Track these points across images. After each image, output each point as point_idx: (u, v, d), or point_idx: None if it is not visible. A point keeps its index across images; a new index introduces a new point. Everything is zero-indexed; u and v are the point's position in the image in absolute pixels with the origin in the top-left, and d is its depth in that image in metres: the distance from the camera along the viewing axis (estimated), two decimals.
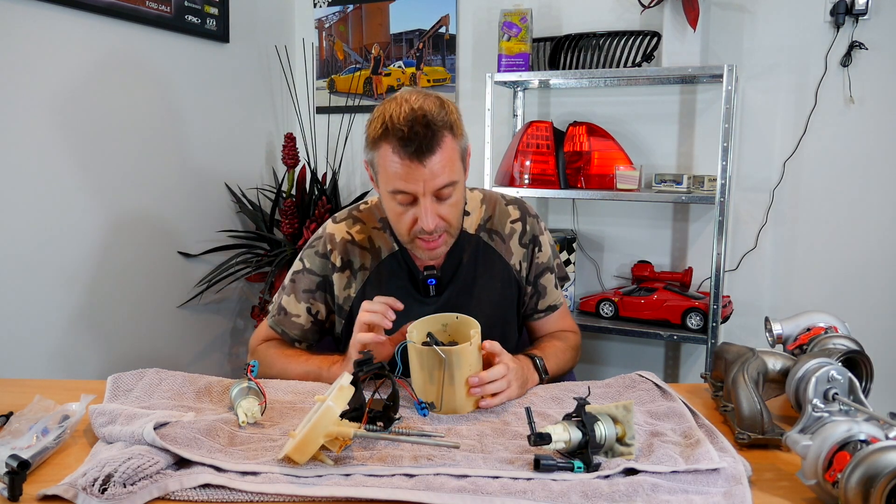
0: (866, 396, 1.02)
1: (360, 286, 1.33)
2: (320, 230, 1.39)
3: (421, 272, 1.30)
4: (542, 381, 1.24)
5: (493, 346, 1.13)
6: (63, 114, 1.99)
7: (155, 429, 0.91)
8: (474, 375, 1.07)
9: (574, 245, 2.45)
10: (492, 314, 1.32)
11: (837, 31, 2.20)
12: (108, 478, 0.81)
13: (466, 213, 1.35)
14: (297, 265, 1.38)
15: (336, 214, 1.41)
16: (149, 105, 2.28)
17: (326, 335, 1.43)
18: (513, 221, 1.37)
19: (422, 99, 1.16)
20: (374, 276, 1.32)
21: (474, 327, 1.12)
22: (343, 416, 0.92)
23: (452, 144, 1.16)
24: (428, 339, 1.12)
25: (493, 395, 1.10)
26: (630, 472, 0.87)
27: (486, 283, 1.34)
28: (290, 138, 2.62)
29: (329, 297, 1.36)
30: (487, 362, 1.13)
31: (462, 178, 1.21)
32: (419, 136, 1.11)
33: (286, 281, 1.39)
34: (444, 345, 1.12)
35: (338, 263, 1.34)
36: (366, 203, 1.41)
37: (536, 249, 1.38)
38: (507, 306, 1.38)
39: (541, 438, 0.87)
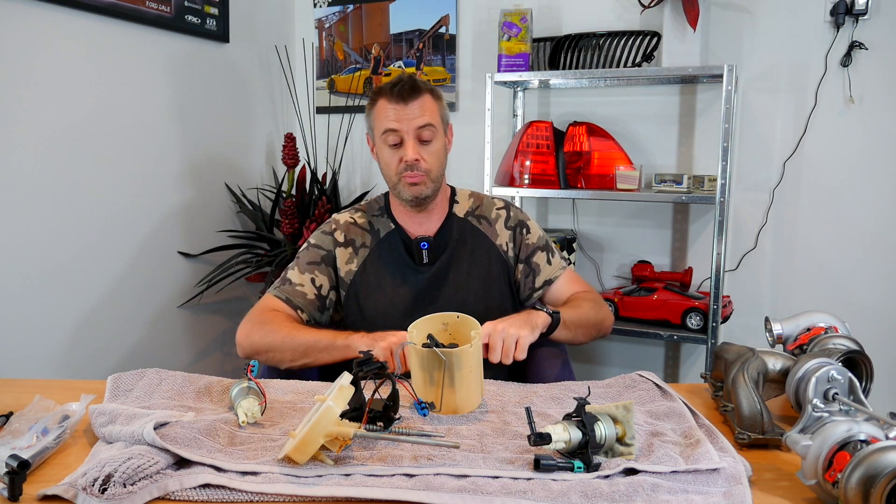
0: (866, 396, 1.02)
1: (361, 261, 1.49)
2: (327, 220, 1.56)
3: (415, 240, 1.47)
4: (554, 323, 1.32)
5: (483, 331, 1.19)
6: (63, 113, 1.99)
7: (155, 429, 0.91)
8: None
9: (574, 245, 2.45)
10: (479, 286, 1.48)
11: (837, 31, 2.20)
12: (108, 478, 0.81)
13: (456, 202, 1.54)
14: (303, 246, 1.51)
15: (341, 210, 1.58)
16: (149, 105, 2.28)
17: (327, 315, 1.50)
18: (498, 209, 1.56)
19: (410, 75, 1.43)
20: (374, 251, 1.49)
21: (475, 327, 1.12)
22: (343, 416, 0.92)
23: (433, 102, 1.40)
24: (428, 340, 1.12)
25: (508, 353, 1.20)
26: (630, 472, 0.87)
27: (474, 257, 1.50)
28: (290, 138, 2.62)
29: (332, 272, 1.49)
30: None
31: (441, 133, 1.42)
32: (404, 84, 1.37)
33: (292, 263, 1.50)
34: (444, 346, 1.12)
35: (341, 240, 1.50)
36: (367, 200, 1.59)
37: (525, 231, 1.54)
38: (494, 280, 1.51)
39: (541, 438, 0.87)
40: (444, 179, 1.50)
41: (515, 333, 1.20)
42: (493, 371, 1.28)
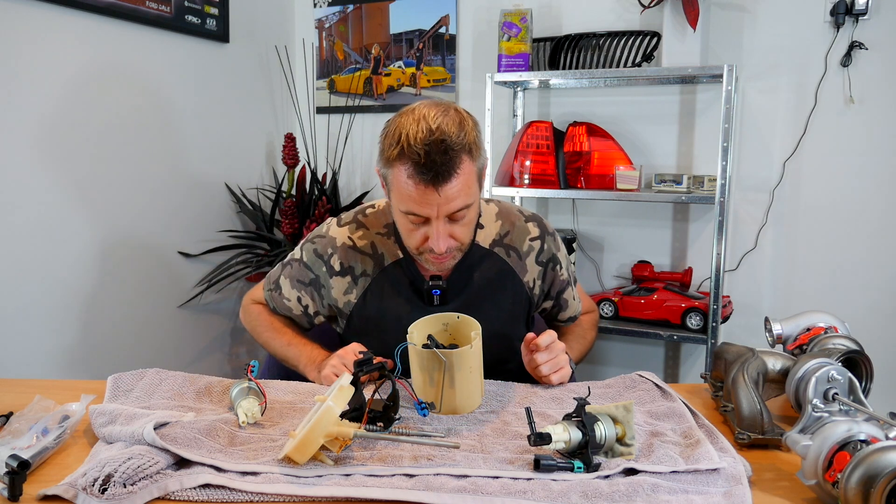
0: (866, 396, 1.02)
1: (361, 292, 1.30)
2: (324, 227, 1.36)
3: (426, 282, 1.26)
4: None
5: (541, 342, 1.19)
6: (63, 113, 1.99)
7: (155, 429, 0.91)
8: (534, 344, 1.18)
9: (574, 245, 2.45)
10: (498, 330, 1.29)
11: (837, 31, 2.20)
12: (108, 478, 0.81)
13: (481, 226, 1.31)
14: (296, 253, 1.37)
15: (342, 215, 1.37)
16: (149, 105, 2.28)
17: (315, 325, 1.43)
18: (532, 239, 1.34)
19: (441, 117, 1.09)
20: (376, 282, 1.30)
21: (475, 328, 1.12)
22: (343, 416, 0.92)
23: (470, 167, 1.12)
24: (428, 341, 1.12)
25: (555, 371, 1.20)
26: (630, 472, 0.87)
27: (496, 300, 1.30)
28: (290, 138, 2.62)
29: (318, 296, 1.35)
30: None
31: (477, 199, 1.18)
32: (436, 164, 1.06)
33: (286, 259, 1.40)
34: (444, 346, 1.12)
35: (337, 268, 1.31)
36: (373, 207, 1.36)
37: (558, 268, 1.36)
38: (515, 323, 1.35)
39: (541, 438, 0.87)
40: None
41: (566, 371, 1.22)
42: (493, 372, 1.25)
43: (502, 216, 1.34)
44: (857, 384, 0.97)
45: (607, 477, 0.86)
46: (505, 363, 1.32)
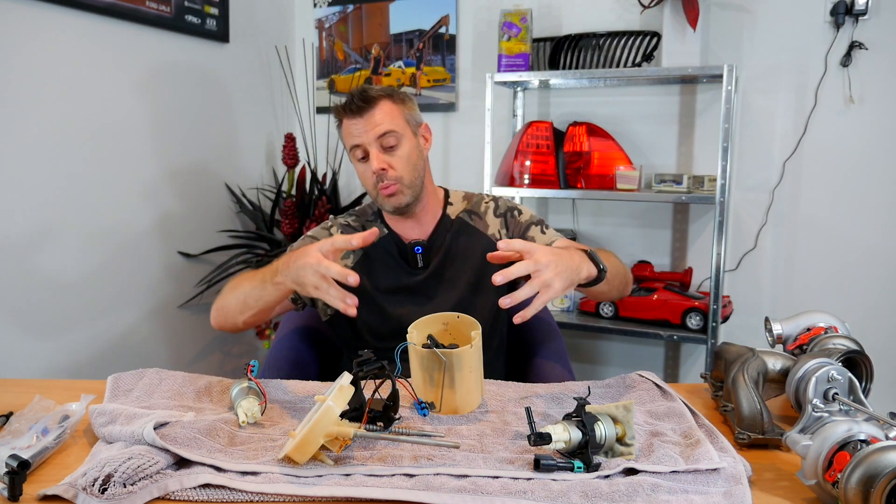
0: (866, 396, 1.02)
1: (356, 260, 1.45)
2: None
3: (409, 244, 1.44)
4: (600, 276, 1.17)
5: (513, 244, 1.06)
6: (63, 113, 1.99)
7: (155, 429, 0.91)
8: (500, 274, 0.99)
9: None
10: (474, 280, 1.43)
11: (837, 31, 2.20)
12: (108, 478, 0.80)
13: (450, 204, 1.51)
14: (300, 239, 1.47)
15: (336, 216, 1.54)
16: (149, 105, 2.28)
17: (319, 303, 1.45)
18: (487, 201, 1.53)
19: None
20: (369, 253, 1.45)
21: (475, 328, 1.12)
22: (343, 416, 0.92)
23: (392, 107, 1.36)
24: (428, 340, 1.12)
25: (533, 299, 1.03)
26: (630, 472, 0.87)
27: (468, 253, 1.46)
28: (290, 138, 2.62)
29: None
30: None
31: (408, 136, 1.37)
32: (354, 97, 1.35)
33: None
34: (443, 346, 1.12)
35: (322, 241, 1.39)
36: (361, 204, 1.59)
37: (515, 213, 1.50)
38: (490, 272, 1.35)
39: (541, 438, 0.87)
40: (426, 182, 1.43)
41: (554, 289, 1.03)
42: (491, 372, 1.26)
43: (466, 196, 1.54)
44: (857, 384, 0.97)
45: (607, 477, 0.86)
46: (483, 313, 1.37)
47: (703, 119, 2.41)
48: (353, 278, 1.05)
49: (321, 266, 1.07)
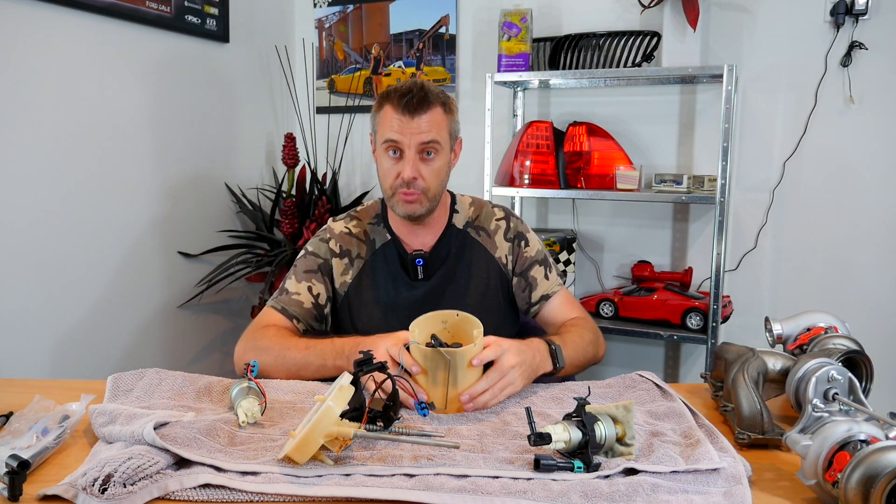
0: (866, 396, 1.02)
1: (356, 273, 1.44)
2: (323, 226, 1.51)
3: (410, 255, 1.41)
4: (555, 371, 1.22)
5: (492, 349, 1.11)
6: (63, 113, 1.99)
7: (155, 429, 0.91)
8: (465, 392, 1.07)
9: (574, 245, 2.45)
10: (479, 302, 1.42)
11: (837, 31, 2.20)
12: (108, 478, 0.80)
13: (456, 212, 1.48)
14: (300, 254, 1.47)
15: (337, 216, 1.52)
16: (149, 105, 2.28)
17: (326, 324, 1.45)
18: (497, 219, 1.50)
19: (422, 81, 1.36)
20: (369, 264, 1.44)
21: (477, 326, 1.12)
22: (343, 416, 0.92)
23: (442, 117, 1.33)
24: (432, 340, 1.12)
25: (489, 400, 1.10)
26: (630, 472, 0.87)
27: (472, 272, 1.44)
28: (290, 138, 2.62)
29: (328, 281, 1.44)
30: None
31: (446, 150, 1.35)
32: (414, 95, 1.29)
33: (290, 271, 1.46)
34: (447, 345, 1.11)
35: (336, 250, 1.45)
36: (363, 204, 1.53)
37: (523, 244, 1.48)
38: (493, 296, 1.46)
39: (541, 438, 0.87)
40: (442, 195, 1.41)
41: (515, 386, 1.12)
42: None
43: (475, 204, 1.52)
44: (857, 384, 0.97)
45: (607, 477, 0.86)
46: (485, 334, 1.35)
47: (703, 119, 2.41)
48: (417, 369, 1.09)
49: (392, 351, 1.11)
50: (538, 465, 0.87)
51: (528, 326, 1.55)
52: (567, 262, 2.43)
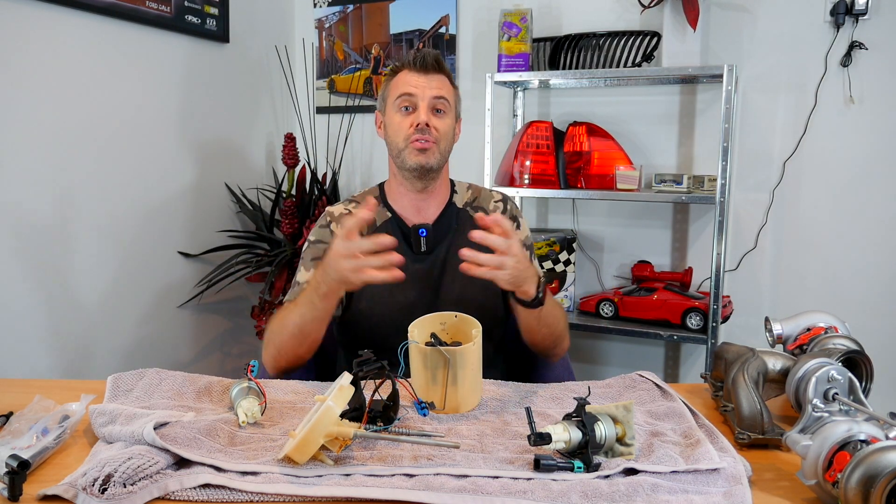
0: (866, 396, 1.02)
1: None
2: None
3: (413, 227, 1.44)
4: (534, 302, 1.20)
5: (504, 223, 1.12)
6: (63, 113, 1.99)
7: (155, 429, 0.91)
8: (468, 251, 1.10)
9: (574, 245, 2.45)
10: (478, 281, 1.38)
11: (837, 31, 2.20)
12: (108, 478, 0.81)
13: (455, 192, 1.53)
14: (305, 246, 1.48)
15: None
16: (149, 105, 2.28)
17: (339, 310, 1.44)
18: (496, 201, 1.55)
19: None
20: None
21: (474, 326, 1.12)
22: (343, 416, 0.92)
23: (451, 88, 1.42)
24: (432, 339, 1.12)
25: (481, 265, 1.12)
26: (630, 472, 0.87)
27: (472, 248, 1.40)
28: (290, 138, 2.62)
29: None
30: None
31: (452, 115, 1.43)
32: (428, 58, 1.39)
33: (299, 263, 1.48)
34: (446, 345, 1.12)
35: (338, 232, 1.41)
36: (361, 192, 1.57)
37: (517, 227, 1.52)
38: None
39: (541, 438, 0.87)
40: (447, 164, 1.46)
41: (504, 273, 1.12)
42: (490, 372, 1.26)
43: (472, 188, 1.57)
44: (857, 384, 0.97)
45: (607, 477, 0.86)
46: (486, 311, 1.35)
47: (703, 119, 2.41)
48: (388, 239, 1.11)
49: (351, 247, 1.11)
50: (538, 465, 0.87)
51: None
52: (567, 262, 2.43)
